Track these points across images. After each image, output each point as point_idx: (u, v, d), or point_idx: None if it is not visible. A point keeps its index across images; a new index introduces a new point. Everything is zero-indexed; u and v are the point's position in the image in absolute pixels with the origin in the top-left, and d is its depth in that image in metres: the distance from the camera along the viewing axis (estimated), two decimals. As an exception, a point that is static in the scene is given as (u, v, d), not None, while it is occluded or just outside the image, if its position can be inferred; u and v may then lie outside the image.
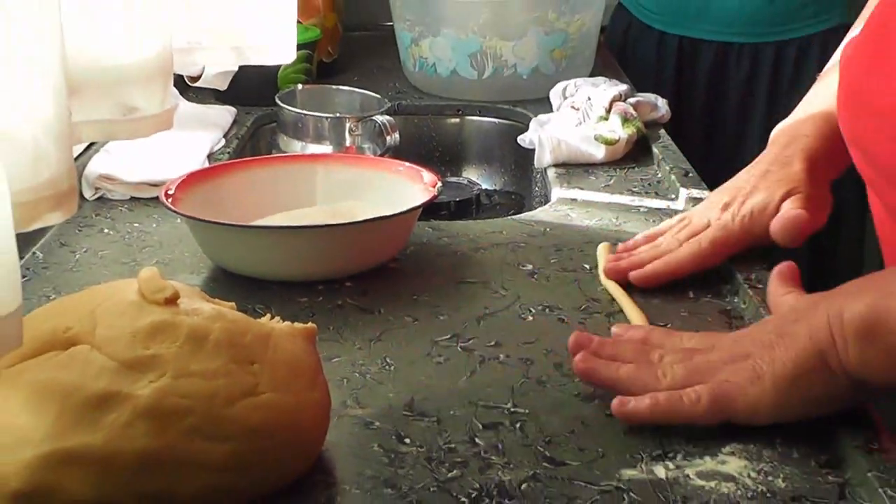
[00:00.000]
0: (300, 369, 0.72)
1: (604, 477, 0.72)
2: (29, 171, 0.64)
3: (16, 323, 0.59)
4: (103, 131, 0.86)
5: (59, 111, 0.66)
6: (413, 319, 0.95)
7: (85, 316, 0.69)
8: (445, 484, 0.71)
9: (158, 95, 0.88)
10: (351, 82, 1.73)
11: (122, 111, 0.87)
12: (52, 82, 0.65)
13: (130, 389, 0.66)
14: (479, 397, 0.82)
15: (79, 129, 0.84)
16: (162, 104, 0.90)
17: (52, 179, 0.65)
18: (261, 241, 1.02)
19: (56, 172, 0.65)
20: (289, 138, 1.50)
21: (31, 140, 0.64)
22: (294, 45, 1.17)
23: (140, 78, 0.86)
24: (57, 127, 0.65)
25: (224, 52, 1.12)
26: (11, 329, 0.59)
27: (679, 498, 0.70)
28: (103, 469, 0.65)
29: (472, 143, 1.72)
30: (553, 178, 1.35)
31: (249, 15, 1.10)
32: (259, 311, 0.94)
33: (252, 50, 1.10)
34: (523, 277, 1.04)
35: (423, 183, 1.11)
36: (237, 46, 1.13)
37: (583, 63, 1.74)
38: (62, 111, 0.66)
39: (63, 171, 0.66)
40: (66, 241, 1.14)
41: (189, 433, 0.66)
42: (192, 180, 1.10)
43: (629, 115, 1.41)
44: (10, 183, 0.62)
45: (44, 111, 0.65)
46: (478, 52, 1.68)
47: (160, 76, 0.88)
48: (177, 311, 0.70)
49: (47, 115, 0.65)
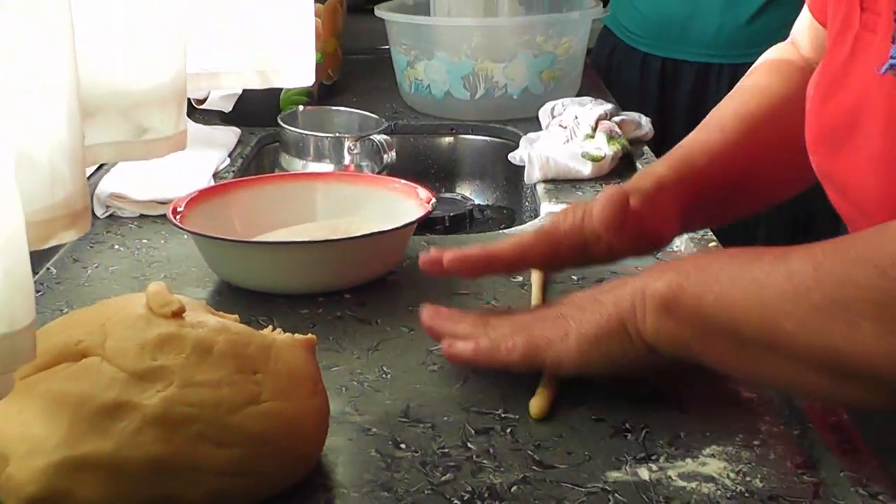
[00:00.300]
0: (301, 378, 0.74)
1: (590, 479, 0.74)
2: (45, 192, 0.66)
3: (30, 337, 0.60)
4: (119, 152, 0.88)
5: (73, 134, 0.67)
6: (409, 329, 0.98)
7: (96, 329, 0.71)
8: (439, 487, 0.73)
9: (173, 118, 0.90)
10: (350, 103, 1.76)
11: (138, 133, 0.89)
12: (66, 106, 0.67)
13: (139, 399, 0.67)
14: (471, 404, 0.84)
15: (95, 150, 0.86)
16: (176, 126, 0.92)
17: (66, 199, 0.67)
18: (263, 255, 1.05)
19: (70, 192, 0.67)
20: (291, 157, 1.53)
21: (48, 162, 0.66)
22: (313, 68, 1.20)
23: (155, 101, 0.87)
24: (71, 149, 0.67)
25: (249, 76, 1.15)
26: (25, 342, 0.60)
27: (662, 498, 0.72)
28: (114, 475, 0.66)
29: (466, 161, 1.75)
30: (542, 193, 1.38)
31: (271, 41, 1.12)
32: (262, 322, 0.96)
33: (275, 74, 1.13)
34: (514, 289, 1.07)
35: (419, 199, 1.13)
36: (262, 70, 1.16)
37: (570, 84, 1.77)
38: (76, 134, 0.68)
39: (77, 191, 0.68)
40: (78, 257, 1.16)
41: (195, 440, 0.68)
42: (198, 198, 1.13)
43: (614, 133, 1.44)
44: (27, 203, 0.64)
45: (59, 134, 0.66)
46: (470, 74, 1.72)
47: (174, 99, 0.90)
48: (183, 324, 0.72)
49: (62, 138, 0.67)
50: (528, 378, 0.88)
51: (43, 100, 0.66)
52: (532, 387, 0.85)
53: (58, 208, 0.67)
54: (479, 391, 0.86)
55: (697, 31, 1.90)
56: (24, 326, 0.60)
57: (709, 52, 1.91)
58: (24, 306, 0.60)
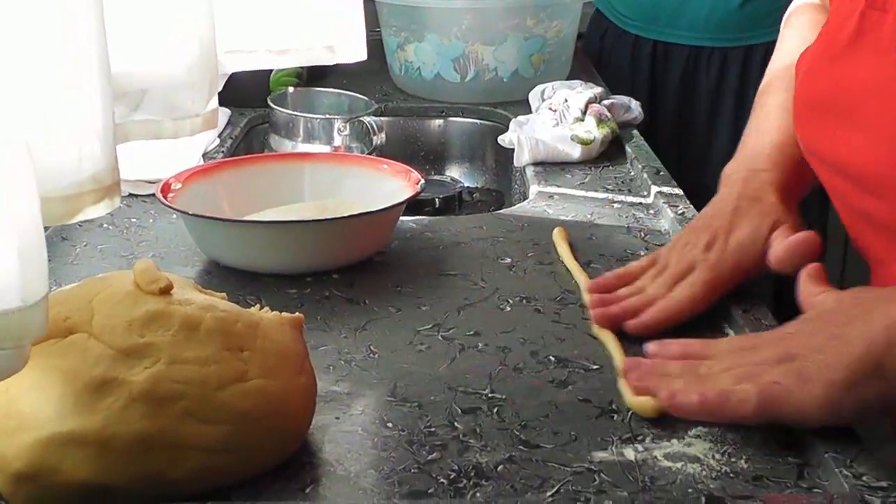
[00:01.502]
0: (288, 356, 0.75)
1: (576, 459, 0.74)
2: (72, 167, 0.66)
3: (42, 310, 0.60)
4: (150, 131, 0.88)
5: (104, 110, 0.67)
6: (397, 310, 0.98)
7: (83, 306, 0.71)
8: (426, 466, 0.73)
9: (204, 96, 0.90)
10: (340, 85, 1.75)
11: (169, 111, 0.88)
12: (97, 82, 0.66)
13: (126, 375, 0.68)
14: (458, 383, 0.84)
15: (127, 128, 0.86)
16: (206, 104, 0.92)
17: (95, 175, 0.66)
18: (252, 235, 1.05)
19: (101, 168, 0.67)
20: (280, 138, 1.53)
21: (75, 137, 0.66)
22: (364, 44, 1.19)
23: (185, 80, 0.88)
24: (103, 125, 0.67)
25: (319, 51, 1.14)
26: (37, 316, 0.60)
27: (647, 478, 0.72)
28: (101, 451, 0.66)
29: (455, 143, 1.74)
30: (531, 176, 1.38)
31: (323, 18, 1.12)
32: (250, 301, 0.97)
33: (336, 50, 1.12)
34: (502, 270, 1.07)
35: (407, 180, 1.14)
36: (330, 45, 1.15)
37: (560, 67, 1.77)
38: (107, 110, 0.68)
39: (108, 167, 0.68)
40: (66, 236, 1.16)
41: (182, 416, 0.68)
42: (187, 178, 1.13)
43: (604, 117, 1.44)
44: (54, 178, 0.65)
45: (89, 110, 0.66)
46: (460, 56, 1.72)
47: (205, 78, 0.90)
48: (170, 301, 0.72)
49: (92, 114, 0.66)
50: (517, 359, 0.88)
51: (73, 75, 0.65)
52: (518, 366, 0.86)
53: (85, 184, 0.67)
54: (467, 371, 0.87)
55: (689, 15, 1.90)
56: (38, 300, 0.60)
57: (700, 35, 1.91)
58: (38, 280, 0.60)
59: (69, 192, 0.66)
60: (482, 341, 0.92)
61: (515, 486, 0.71)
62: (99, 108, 0.67)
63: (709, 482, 0.72)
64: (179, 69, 0.86)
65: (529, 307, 0.99)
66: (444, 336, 0.93)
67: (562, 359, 0.89)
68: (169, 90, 0.86)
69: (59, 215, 0.65)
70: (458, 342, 0.92)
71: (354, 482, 0.72)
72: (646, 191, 1.30)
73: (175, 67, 0.86)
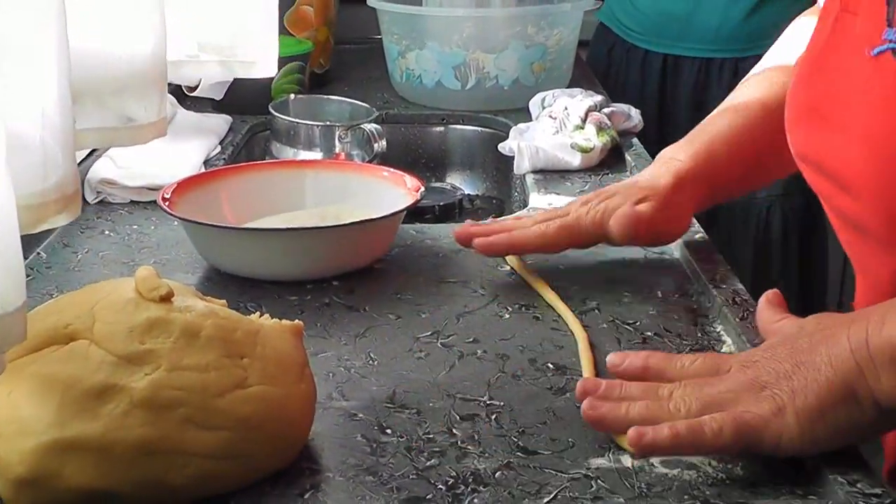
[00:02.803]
0: (288, 363, 0.75)
1: (573, 465, 0.75)
2: (37, 176, 0.66)
3: (20, 319, 0.61)
4: (104, 138, 0.88)
5: (64, 118, 0.68)
6: (396, 317, 0.98)
7: (84, 313, 0.72)
8: (424, 472, 0.74)
9: (155, 105, 0.91)
10: (341, 92, 1.76)
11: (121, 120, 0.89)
12: (57, 89, 0.67)
13: (127, 382, 0.68)
14: (457, 390, 0.85)
15: (82, 136, 0.87)
16: (158, 113, 0.93)
17: (58, 183, 0.67)
18: (252, 242, 1.06)
19: (62, 176, 0.68)
20: (281, 145, 1.53)
21: (40, 145, 0.66)
22: (276, 60, 1.21)
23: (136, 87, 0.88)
24: (63, 133, 0.68)
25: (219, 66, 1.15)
26: (16, 325, 0.61)
27: (644, 485, 0.73)
28: (102, 457, 0.67)
29: (456, 151, 1.75)
30: (531, 183, 1.38)
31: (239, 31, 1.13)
32: (251, 308, 0.97)
33: (241, 64, 1.14)
34: (501, 277, 1.08)
35: (407, 187, 1.14)
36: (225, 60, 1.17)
37: (561, 75, 1.78)
38: (68, 118, 0.69)
39: (69, 175, 0.69)
40: (68, 242, 1.17)
41: (182, 423, 0.68)
42: (188, 185, 1.14)
43: (604, 125, 1.45)
44: (20, 187, 0.65)
45: (51, 117, 0.67)
46: (461, 64, 1.72)
47: (155, 86, 0.91)
48: (171, 308, 0.72)
49: (55, 122, 0.67)
50: (515, 366, 0.89)
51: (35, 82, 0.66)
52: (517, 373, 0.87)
53: (50, 192, 0.68)
54: (465, 378, 0.87)
55: (699, 27, 1.91)
56: (15, 309, 0.61)
57: (710, 47, 1.92)
58: (15, 289, 0.60)
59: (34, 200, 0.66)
60: (481, 348, 0.92)
61: (513, 493, 0.72)
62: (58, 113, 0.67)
63: (705, 489, 0.72)
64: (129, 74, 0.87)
65: (528, 314, 0.99)
66: (443, 343, 0.93)
67: (560, 366, 0.89)
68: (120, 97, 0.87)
69: (24, 225, 0.66)
70: (457, 349, 0.92)
71: (353, 488, 0.72)
72: (645, 199, 1.30)
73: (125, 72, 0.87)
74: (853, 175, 0.84)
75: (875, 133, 0.81)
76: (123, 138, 1.03)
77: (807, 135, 0.91)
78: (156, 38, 0.91)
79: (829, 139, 0.87)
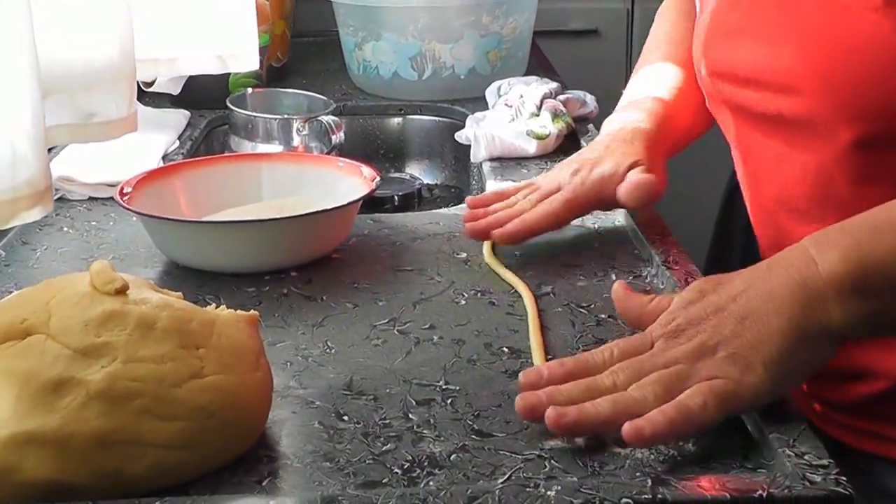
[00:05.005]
0: (243, 352, 0.76)
1: (528, 447, 0.76)
2: (7, 172, 0.67)
3: None
4: (74, 134, 0.89)
5: (35, 115, 0.68)
6: (353, 305, 0.99)
7: (40, 307, 0.72)
8: (380, 457, 0.75)
9: (124, 100, 0.91)
10: (299, 85, 1.77)
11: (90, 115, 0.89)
12: (27, 87, 0.68)
13: (84, 375, 0.69)
14: (413, 376, 0.86)
15: (53, 132, 0.87)
16: (129, 108, 0.94)
17: (29, 180, 0.68)
18: (210, 235, 1.06)
19: (34, 173, 0.68)
20: (240, 139, 1.54)
21: (10, 143, 0.67)
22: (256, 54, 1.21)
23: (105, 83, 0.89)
24: (34, 130, 0.68)
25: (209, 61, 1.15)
26: None
27: (597, 464, 0.73)
28: (60, 449, 0.67)
29: (414, 141, 1.76)
30: (488, 171, 1.39)
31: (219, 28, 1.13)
32: (209, 300, 0.97)
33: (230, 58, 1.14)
34: (458, 264, 1.09)
35: (363, 177, 1.15)
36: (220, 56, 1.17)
37: (517, 63, 1.79)
38: (38, 115, 0.69)
39: (40, 171, 0.69)
40: (27, 240, 1.17)
41: (139, 414, 0.69)
42: (145, 180, 1.14)
43: (559, 112, 1.46)
44: None
45: (21, 115, 0.67)
46: (418, 54, 1.73)
47: (124, 82, 0.91)
48: (126, 301, 0.73)
49: (24, 119, 0.68)
50: (471, 351, 0.90)
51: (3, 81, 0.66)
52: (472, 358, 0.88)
53: (21, 188, 0.68)
54: (421, 364, 0.88)
55: None
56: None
57: None
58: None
59: (5, 197, 0.67)
60: (437, 334, 0.93)
61: (468, 474, 0.73)
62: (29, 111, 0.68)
63: (657, 465, 0.73)
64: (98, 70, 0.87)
65: (484, 300, 1.00)
66: (399, 330, 0.94)
67: (515, 350, 0.90)
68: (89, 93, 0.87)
69: (-6, 220, 0.66)
70: (413, 336, 0.93)
71: (311, 474, 0.73)
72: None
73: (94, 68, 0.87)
74: (797, 78, 0.88)
75: (820, 40, 0.86)
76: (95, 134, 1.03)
77: (729, 53, 0.96)
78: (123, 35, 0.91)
79: (763, 51, 0.91)
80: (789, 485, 0.69)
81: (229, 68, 1.48)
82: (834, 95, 0.87)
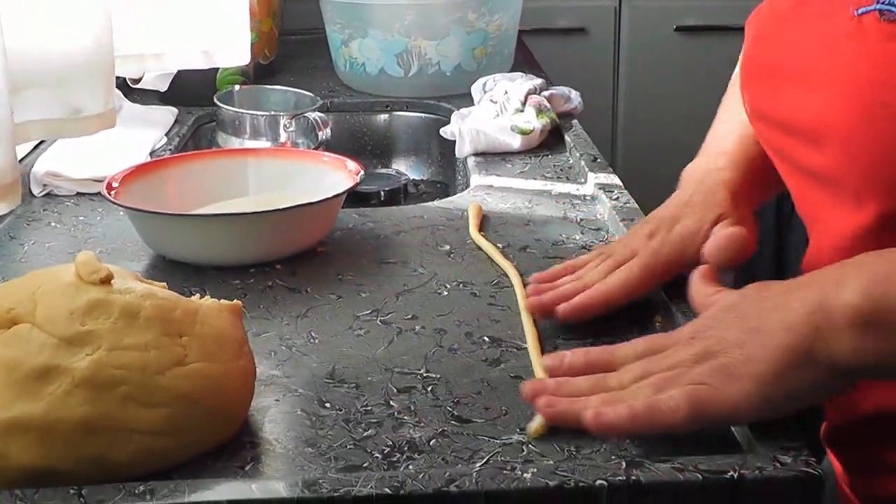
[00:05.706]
0: (226, 340, 0.77)
1: (506, 432, 0.77)
2: None
3: None
4: (51, 130, 0.89)
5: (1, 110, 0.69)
6: (337, 297, 1.00)
7: (26, 297, 0.73)
8: (361, 442, 0.76)
9: (102, 96, 0.92)
10: (286, 82, 1.78)
11: (68, 111, 0.90)
12: None
13: (69, 362, 0.70)
14: (395, 364, 0.87)
15: (27, 127, 0.88)
16: (106, 104, 0.94)
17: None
18: (195, 228, 1.07)
19: (1, 167, 0.69)
20: (227, 136, 1.55)
21: None
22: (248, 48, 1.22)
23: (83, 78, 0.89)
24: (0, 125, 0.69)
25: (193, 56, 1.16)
26: None
27: (574, 447, 0.75)
28: (45, 436, 0.69)
29: (401, 137, 1.77)
30: (472, 166, 1.41)
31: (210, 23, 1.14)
32: (195, 293, 0.97)
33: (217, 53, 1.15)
34: (440, 257, 1.10)
35: (347, 171, 1.16)
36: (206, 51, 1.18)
37: (503, 60, 1.80)
38: (4, 109, 0.70)
39: (7, 166, 0.70)
40: (15, 235, 1.18)
41: (124, 401, 0.70)
42: (132, 174, 1.15)
43: (543, 107, 1.47)
44: None
45: None
46: (404, 51, 1.74)
47: (102, 77, 0.92)
48: (111, 290, 0.74)
49: None
50: (452, 340, 0.91)
51: None
52: (453, 347, 0.89)
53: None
54: (403, 353, 0.89)
55: None
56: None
57: None
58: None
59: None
60: (419, 324, 0.94)
61: (447, 459, 0.74)
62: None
63: (632, 448, 0.75)
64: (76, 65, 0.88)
65: (466, 291, 1.01)
66: (382, 321, 0.95)
67: (495, 339, 0.92)
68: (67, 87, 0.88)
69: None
70: (395, 326, 0.94)
71: (293, 459, 0.74)
72: (583, 178, 1.33)
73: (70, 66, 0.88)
74: (825, 129, 0.83)
75: (852, 89, 0.80)
76: (71, 129, 1.04)
77: (766, 91, 0.90)
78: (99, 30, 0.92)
79: (796, 94, 0.85)
80: (760, 466, 0.70)
81: (216, 63, 1.50)
82: (860, 156, 0.79)
